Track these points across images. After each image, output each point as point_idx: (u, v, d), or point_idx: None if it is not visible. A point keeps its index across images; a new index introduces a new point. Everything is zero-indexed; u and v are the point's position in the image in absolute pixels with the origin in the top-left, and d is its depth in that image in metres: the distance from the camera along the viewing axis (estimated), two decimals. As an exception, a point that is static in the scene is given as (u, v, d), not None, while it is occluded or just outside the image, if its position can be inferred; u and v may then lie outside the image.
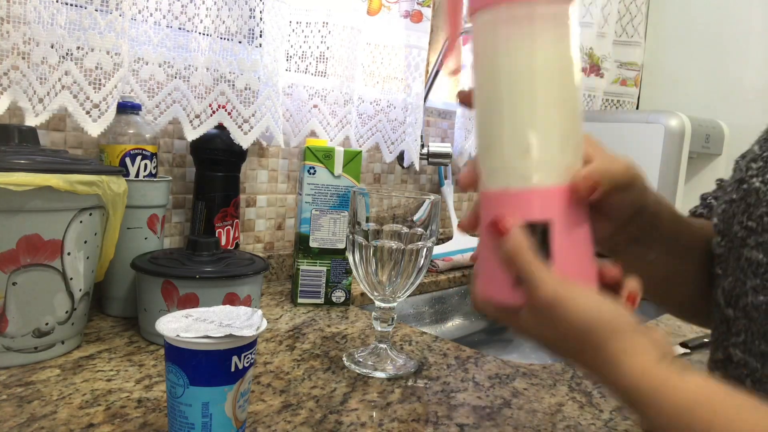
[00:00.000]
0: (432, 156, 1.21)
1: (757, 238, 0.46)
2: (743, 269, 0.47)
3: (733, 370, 0.46)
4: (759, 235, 0.45)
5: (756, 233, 0.46)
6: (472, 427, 0.52)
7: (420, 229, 0.61)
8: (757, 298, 0.46)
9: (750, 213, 0.46)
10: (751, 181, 0.47)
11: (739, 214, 0.47)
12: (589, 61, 1.54)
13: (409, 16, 1.12)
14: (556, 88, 0.35)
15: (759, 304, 0.46)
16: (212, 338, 0.40)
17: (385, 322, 0.65)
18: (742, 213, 0.47)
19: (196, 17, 0.82)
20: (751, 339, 0.46)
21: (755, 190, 0.46)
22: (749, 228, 0.46)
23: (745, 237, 0.46)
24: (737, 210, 0.48)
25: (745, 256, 0.46)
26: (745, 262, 0.47)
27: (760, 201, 0.46)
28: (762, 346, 0.45)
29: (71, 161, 0.59)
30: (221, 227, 0.87)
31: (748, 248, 0.46)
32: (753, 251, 0.46)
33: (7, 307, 0.55)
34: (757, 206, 0.46)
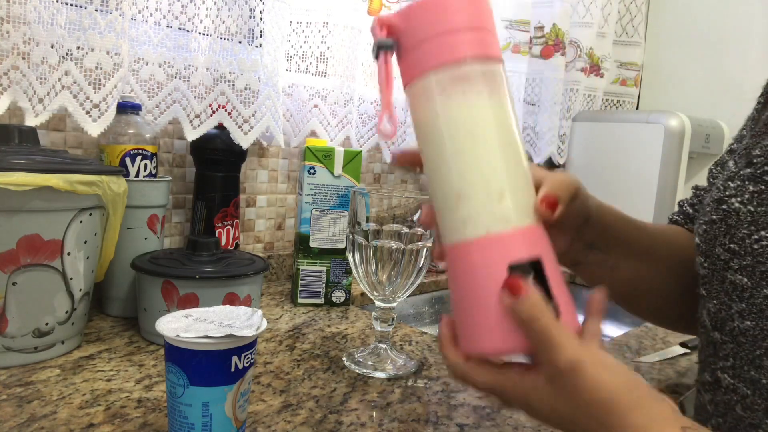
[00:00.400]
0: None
1: (741, 261, 0.44)
2: (728, 293, 0.46)
3: (722, 395, 0.45)
4: (742, 258, 0.44)
5: (739, 256, 0.44)
6: (472, 427, 0.52)
7: (420, 229, 0.61)
8: (744, 323, 0.45)
9: (732, 235, 0.45)
10: (730, 201, 0.46)
11: (720, 236, 0.46)
12: (589, 61, 1.54)
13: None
14: (509, 134, 0.36)
15: (746, 329, 0.44)
16: (212, 338, 0.40)
17: (385, 322, 0.65)
18: (724, 235, 0.46)
19: (196, 17, 0.82)
20: (740, 364, 0.45)
21: (735, 211, 0.45)
22: (732, 251, 0.45)
23: (728, 260, 0.45)
24: (718, 232, 0.46)
25: (729, 279, 0.45)
26: (729, 286, 0.45)
27: (741, 222, 0.44)
28: (752, 372, 0.44)
29: (71, 161, 0.59)
30: (221, 227, 0.87)
31: (732, 271, 0.45)
32: (737, 275, 0.45)
33: (7, 307, 0.55)
34: (738, 228, 0.44)
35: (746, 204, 0.44)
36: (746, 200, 0.45)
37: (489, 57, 0.36)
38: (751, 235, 0.44)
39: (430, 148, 0.37)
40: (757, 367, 0.44)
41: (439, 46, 0.36)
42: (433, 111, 0.36)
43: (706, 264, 0.48)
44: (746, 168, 0.46)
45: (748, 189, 0.45)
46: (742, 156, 0.48)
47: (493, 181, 0.36)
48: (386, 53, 0.37)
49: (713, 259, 0.47)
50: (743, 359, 0.44)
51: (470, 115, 0.36)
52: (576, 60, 1.52)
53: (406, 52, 0.37)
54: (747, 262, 0.44)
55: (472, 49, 0.36)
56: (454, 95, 0.36)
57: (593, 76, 1.57)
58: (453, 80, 0.36)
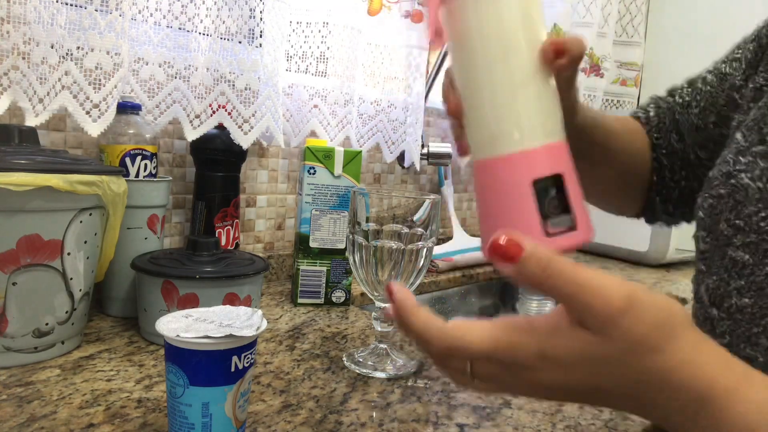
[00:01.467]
0: (432, 156, 1.21)
1: (744, 238, 0.44)
2: (728, 269, 0.45)
3: None
4: (746, 235, 0.44)
5: (743, 232, 0.44)
6: (472, 427, 0.52)
7: (420, 230, 0.61)
8: (742, 300, 0.44)
9: (738, 211, 0.44)
10: (739, 176, 0.45)
11: (726, 212, 0.45)
12: (589, 61, 1.54)
13: (410, 16, 1.12)
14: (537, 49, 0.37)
15: (743, 306, 0.44)
16: (212, 338, 0.40)
17: (386, 322, 0.65)
18: (730, 210, 0.45)
19: (196, 17, 0.82)
20: (736, 342, 0.44)
21: (744, 187, 0.44)
22: (736, 227, 0.45)
23: (731, 236, 0.45)
24: (725, 207, 0.46)
25: (730, 255, 0.45)
26: (729, 262, 0.45)
27: (749, 199, 0.44)
28: (747, 349, 0.43)
29: (71, 161, 0.59)
30: (221, 227, 0.87)
31: (733, 248, 0.45)
32: (738, 251, 0.44)
33: (7, 307, 0.55)
34: (746, 204, 0.44)
35: (755, 180, 0.44)
36: (756, 176, 0.44)
37: None
38: (758, 212, 0.43)
39: (464, 61, 0.38)
40: (754, 344, 0.43)
41: None
42: (467, 23, 0.37)
43: (708, 239, 0.48)
44: (759, 145, 0.45)
45: (759, 165, 0.44)
46: (751, 130, 0.47)
47: (521, 100, 0.37)
48: None
49: (716, 234, 0.46)
50: (740, 337, 0.44)
51: (502, 29, 0.37)
52: (576, 60, 1.52)
53: None
54: (751, 239, 0.43)
55: None
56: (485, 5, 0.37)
57: (593, 77, 1.57)
58: None
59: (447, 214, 1.31)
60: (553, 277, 0.30)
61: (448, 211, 1.31)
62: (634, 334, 0.29)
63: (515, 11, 0.37)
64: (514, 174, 0.36)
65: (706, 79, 0.60)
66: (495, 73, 0.37)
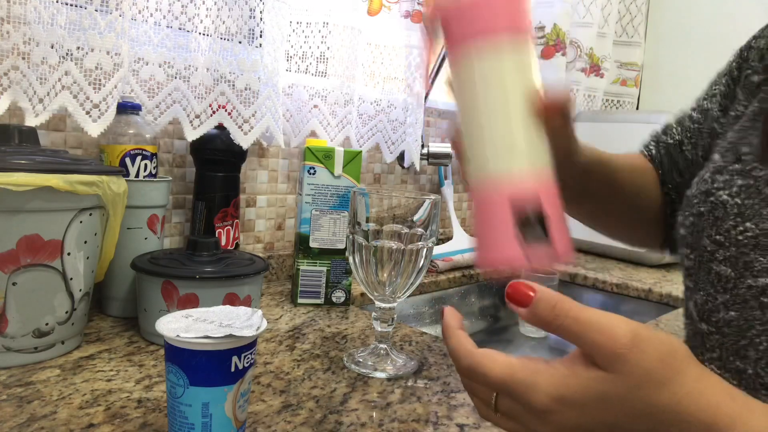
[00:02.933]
0: (432, 156, 1.21)
1: (725, 253, 0.45)
2: (713, 284, 0.46)
3: None
4: (726, 249, 0.45)
5: (724, 247, 0.45)
6: (472, 427, 0.52)
7: (420, 230, 0.61)
8: (728, 314, 0.45)
9: (718, 227, 0.46)
10: (717, 193, 0.47)
11: (707, 228, 0.47)
12: (589, 61, 1.54)
13: (410, 16, 1.12)
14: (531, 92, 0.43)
15: (730, 319, 0.45)
16: (212, 338, 0.40)
17: (385, 322, 0.65)
18: (710, 227, 0.46)
19: (196, 17, 0.82)
20: (725, 355, 0.45)
21: (722, 203, 0.46)
22: (717, 242, 0.46)
23: (714, 251, 0.46)
24: (706, 224, 0.47)
25: (714, 270, 0.46)
26: (714, 277, 0.46)
27: (727, 214, 0.45)
28: (737, 362, 0.44)
29: (71, 161, 0.59)
30: (221, 227, 0.87)
31: (717, 262, 0.46)
32: (721, 266, 0.45)
33: (7, 307, 0.55)
34: (725, 220, 0.45)
35: (734, 197, 0.45)
36: (734, 193, 0.46)
37: (519, 29, 0.43)
38: (736, 227, 0.44)
39: (463, 101, 0.44)
40: (742, 357, 0.44)
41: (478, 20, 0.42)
42: (470, 71, 0.43)
43: (693, 256, 0.49)
44: (735, 164, 0.47)
45: (737, 183, 0.46)
46: (729, 150, 0.49)
47: (509, 131, 0.42)
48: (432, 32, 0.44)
49: (699, 251, 0.48)
50: (729, 350, 0.45)
51: (501, 76, 0.42)
52: (576, 60, 1.52)
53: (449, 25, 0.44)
54: (731, 253, 0.45)
55: (506, 22, 0.42)
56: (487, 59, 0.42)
57: (593, 77, 1.57)
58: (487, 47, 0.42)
59: (447, 214, 1.31)
60: (560, 317, 0.32)
61: (448, 211, 1.31)
62: (641, 369, 0.31)
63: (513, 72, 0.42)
64: (496, 191, 0.41)
65: (692, 116, 0.63)
66: (486, 112, 0.42)
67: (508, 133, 0.42)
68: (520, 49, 0.42)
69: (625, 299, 1.15)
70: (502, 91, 0.42)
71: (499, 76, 0.42)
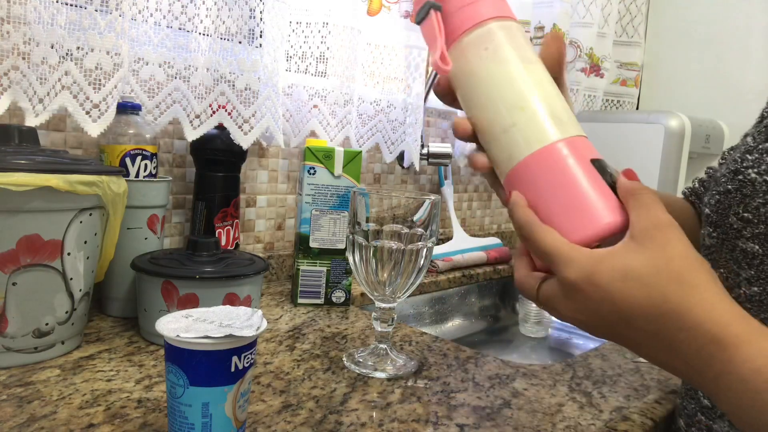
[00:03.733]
0: (432, 156, 1.21)
1: (754, 229, 0.46)
2: (737, 260, 0.47)
3: None
4: (755, 227, 0.46)
5: (752, 224, 0.46)
6: (472, 427, 0.52)
7: (420, 230, 0.61)
8: (751, 289, 0.46)
9: (746, 204, 0.47)
10: (746, 172, 0.47)
11: (734, 205, 0.48)
12: (589, 61, 1.54)
13: (410, 16, 1.12)
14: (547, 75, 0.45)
15: (753, 294, 0.46)
16: (212, 338, 0.40)
17: (385, 322, 0.65)
18: (738, 204, 0.47)
19: (196, 17, 0.82)
20: None
21: (751, 181, 0.47)
22: (745, 219, 0.46)
23: (741, 228, 0.47)
24: (732, 201, 0.48)
25: (740, 247, 0.47)
26: (739, 254, 0.47)
27: (756, 192, 0.46)
28: None
29: (71, 161, 0.59)
30: (221, 227, 0.87)
31: (743, 239, 0.46)
32: (749, 242, 0.46)
33: (7, 307, 0.55)
34: (754, 197, 0.46)
35: (763, 174, 0.46)
36: (763, 171, 0.46)
37: (511, 17, 0.45)
38: (766, 204, 0.45)
39: (493, 82, 0.43)
40: None
41: (473, 10, 0.44)
42: (481, 56, 0.44)
43: (715, 234, 0.50)
44: (765, 142, 0.48)
45: (766, 161, 0.46)
46: (761, 133, 0.50)
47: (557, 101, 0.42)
48: (437, 12, 0.44)
49: (724, 228, 0.48)
50: None
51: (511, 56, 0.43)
52: (576, 60, 1.52)
53: (449, 14, 0.44)
54: (760, 230, 0.45)
55: (495, 11, 0.44)
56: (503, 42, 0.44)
57: (593, 77, 1.57)
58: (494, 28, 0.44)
59: (447, 214, 1.31)
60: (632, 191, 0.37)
61: (448, 211, 1.31)
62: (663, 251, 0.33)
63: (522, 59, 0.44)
64: (572, 156, 0.39)
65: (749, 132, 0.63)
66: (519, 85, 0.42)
67: (557, 102, 0.42)
68: (517, 30, 0.45)
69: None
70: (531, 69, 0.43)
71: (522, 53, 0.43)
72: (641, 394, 0.62)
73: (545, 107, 0.41)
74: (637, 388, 0.64)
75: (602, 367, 0.70)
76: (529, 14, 1.36)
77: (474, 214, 1.49)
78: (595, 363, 0.71)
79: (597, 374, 0.67)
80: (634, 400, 0.61)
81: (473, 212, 1.48)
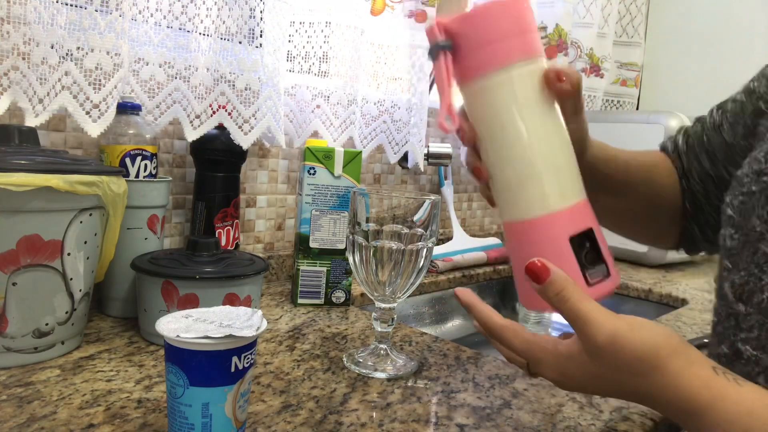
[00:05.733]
0: (432, 156, 1.21)
1: None
2: (758, 264, 0.46)
3: (742, 366, 0.45)
4: None
5: None
6: (472, 427, 0.52)
7: (420, 230, 0.61)
8: None
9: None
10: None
11: (758, 208, 0.46)
12: (589, 61, 1.54)
13: (414, 15, 1.12)
14: (559, 122, 0.44)
15: None
16: (212, 339, 0.40)
17: (385, 322, 0.65)
18: (762, 206, 0.46)
19: (197, 17, 0.82)
20: (765, 335, 0.45)
21: None
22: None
23: (764, 231, 0.46)
24: (757, 203, 0.47)
25: (762, 250, 0.46)
26: (761, 257, 0.46)
27: None
28: None
29: (71, 161, 0.59)
30: (221, 228, 0.87)
31: (766, 243, 0.45)
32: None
33: (7, 308, 0.55)
34: None
35: None
36: None
37: (536, 56, 0.42)
38: None
39: (493, 138, 0.43)
40: None
41: (496, 51, 0.41)
42: (497, 105, 0.43)
43: (737, 236, 0.49)
44: None
45: None
46: None
47: (551, 166, 0.42)
48: (446, 53, 0.41)
49: (746, 231, 0.48)
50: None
51: (527, 109, 0.42)
52: (576, 60, 1.52)
53: (463, 53, 0.42)
54: None
55: (522, 53, 0.41)
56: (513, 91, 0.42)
57: (593, 77, 1.57)
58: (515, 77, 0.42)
59: (447, 214, 1.31)
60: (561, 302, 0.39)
61: (448, 211, 1.31)
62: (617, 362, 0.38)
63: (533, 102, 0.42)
64: (552, 233, 0.42)
65: (736, 98, 0.62)
66: (525, 149, 0.42)
67: (550, 169, 0.42)
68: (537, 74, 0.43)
69: (625, 299, 1.15)
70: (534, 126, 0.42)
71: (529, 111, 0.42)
72: (641, 394, 0.62)
73: (552, 175, 0.42)
74: (638, 388, 0.64)
75: (602, 367, 0.70)
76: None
77: (474, 214, 1.49)
78: (595, 363, 0.71)
79: (597, 374, 0.67)
80: (634, 400, 0.61)
81: (473, 212, 1.48)
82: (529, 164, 0.42)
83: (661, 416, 0.58)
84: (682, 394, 0.36)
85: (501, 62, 0.41)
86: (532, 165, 0.42)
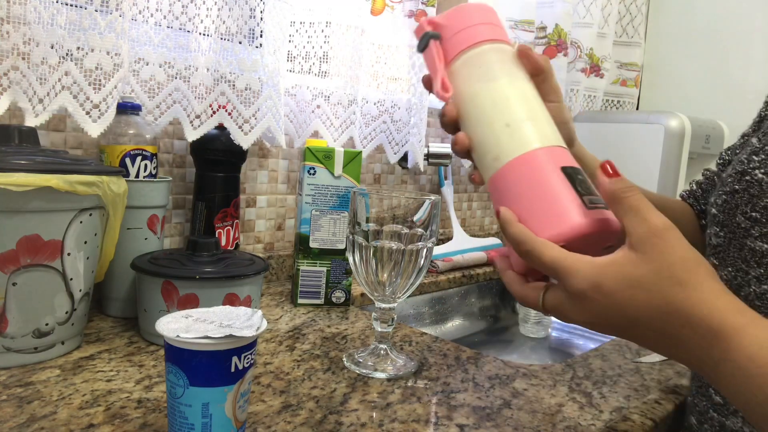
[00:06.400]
0: (432, 156, 1.21)
1: (762, 229, 0.47)
2: (745, 259, 0.48)
3: None
4: (763, 226, 0.47)
5: (760, 224, 0.47)
6: (472, 427, 0.52)
7: (420, 230, 0.61)
8: (761, 287, 0.47)
9: (754, 204, 0.48)
10: (753, 172, 0.49)
11: (742, 205, 0.49)
12: (589, 61, 1.54)
13: (414, 15, 1.12)
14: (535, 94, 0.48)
15: (763, 292, 0.47)
16: (212, 339, 0.40)
17: (385, 322, 0.65)
18: (746, 204, 0.48)
19: (197, 17, 0.82)
20: None
21: (758, 182, 0.48)
22: (753, 219, 0.48)
23: (749, 227, 0.48)
24: (740, 201, 0.49)
25: (749, 246, 0.48)
26: (748, 253, 0.48)
27: (763, 192, 0.47)
28: None
29: (71, 161, 0.59)
30: (221, 228, 0.87)
31: (752, 238, 0.48)
32: (757, 241, 0.47)
33: (7, 308, 0.55)
34: (761, 197, 0.47)
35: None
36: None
37: (502, 41, 0.50)
38: None
39: (474, 103, 0.47)
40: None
41: (470, 33, 0.49)
42: (472, 75, 0.48)
43: (722, 233, 0.51)
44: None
45: None
46: (766, 134, 0.51)
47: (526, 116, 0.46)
48: (436, 41, 0.50)
49: (732, 228, 0.50)
50: None
51: (499, 73, 0.47)
52: (576, 60, 1.52)
53: (446, 39, 0.50)
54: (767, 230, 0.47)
55: (490, 35, 0.49)
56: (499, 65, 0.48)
57: (593, 77, 1.57)
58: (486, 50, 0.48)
59: (447, 214, 1.31)
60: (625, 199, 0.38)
61: (448, 211, 1.31)
62: (664, 258, 0.35)
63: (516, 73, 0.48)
64: (546, 163, 0.42)
65: (745, 132, 0.64)
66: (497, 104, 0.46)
67: (538, 115, 0.45)
68: (508, 52, 0.49)
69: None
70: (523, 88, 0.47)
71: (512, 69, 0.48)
72: (641, 394, 0.62)
73: (528, 121, 0.45)
74: (637, 388, 0.64)
75: (602, 367, 0.70)
76: (532, 14, 1.37)
77: (474, 214, 1.49)
78: (595, 363, 0.71)
79: (597, 374, 0.67)
80: (634, 400, 0.61)
81: (473, 212, 1.48)
82: (507, 115, 0.45)
83: (661, 416, 0.58)
84: (717, 313, 0.35)
85: (474, 39, 0.48)
86: (509, 114, 0.45)
